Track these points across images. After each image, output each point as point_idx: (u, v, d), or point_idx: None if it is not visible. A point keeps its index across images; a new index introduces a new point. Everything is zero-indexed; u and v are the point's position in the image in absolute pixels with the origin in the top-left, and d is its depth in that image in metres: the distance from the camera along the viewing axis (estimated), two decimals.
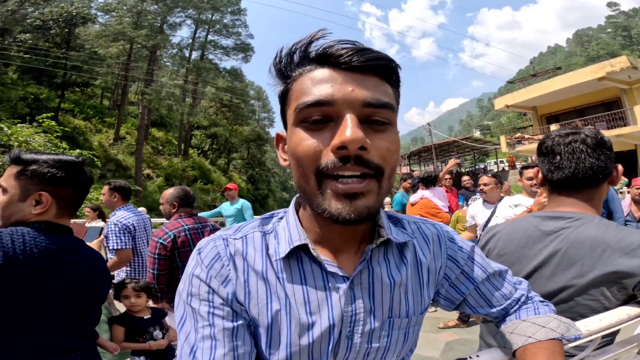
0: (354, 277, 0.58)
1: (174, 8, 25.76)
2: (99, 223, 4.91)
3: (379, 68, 0.52)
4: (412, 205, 4.01)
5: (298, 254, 0.59)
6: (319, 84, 0.51)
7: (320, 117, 0.51)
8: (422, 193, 3.99)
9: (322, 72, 0.52)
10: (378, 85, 0.52)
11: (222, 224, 5.29)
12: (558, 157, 1.03)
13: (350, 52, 0.50)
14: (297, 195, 0.65)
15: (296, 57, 0.55)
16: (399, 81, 0.56)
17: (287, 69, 0.56)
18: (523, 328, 0.66)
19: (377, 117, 0.52)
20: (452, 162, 5.28)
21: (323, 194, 0.51)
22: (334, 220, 0.50)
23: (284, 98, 0.57)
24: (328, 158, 0.49)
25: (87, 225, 2.42)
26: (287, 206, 0.66)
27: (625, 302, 0.90)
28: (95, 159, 10.26)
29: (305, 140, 0.51)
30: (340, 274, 0.58)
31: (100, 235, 2.33)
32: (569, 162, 1.01)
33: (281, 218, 0.65)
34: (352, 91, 0.50)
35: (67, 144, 9.52)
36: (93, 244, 2.22)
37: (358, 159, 0.49)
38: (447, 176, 5.76)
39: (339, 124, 0.49)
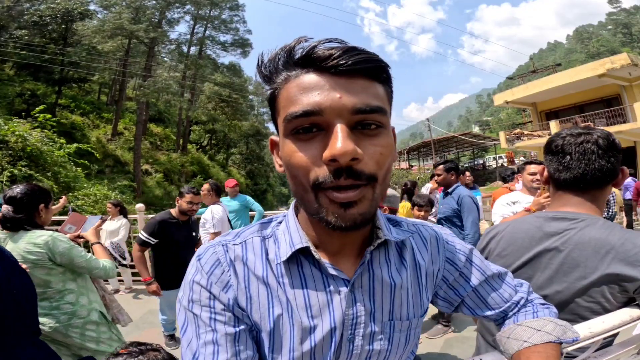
0: (354, 280, 0.58)
1: (172, 4, 25.57)
2: (121, 219, 4.89)
3: (367, 70, 0.50)
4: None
5: (298, 257, 0.59)
6: (305, 91, 0.49)
7: (310, 126, 0.49)
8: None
9: (308, 78, 0.49)
10: (367, 87, 0.49)
11: None
12: (568, 156, 1.01)
13: (336, 55, 0.48)
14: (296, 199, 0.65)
15: (281, 61, 0.53)
16: (389, 79, 0.54)
17: (272, 74, 0.54)
18: (519, 332, 0.66)
19: (369, 122, 0.49)
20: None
21: (320, 204, 0.50)
22: (332, 228, 0.50)
23: (272, 104, 0.56)
24: (322, 172, 0.48)
25: (99, 219, 2.39)
26: (286, 201, 0.66)
27: (625, 305, 0.90)
28: (95, 152, 10.27)
29: (296, 153, 0.50)
30: (341, 276, 0.58)
31: (97, 223, 2.30)
32: (579, 163, 0.99)
33: (280, 222, 0.65)
34: (340, 98, 0.47)
35: (64, 139, 9.46)
36: (89, 232, 2.19)
37: (349, 170, 0.47)
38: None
39: (330, 133, 0.48)
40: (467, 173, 6.18)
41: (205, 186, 4.14)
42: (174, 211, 3.09)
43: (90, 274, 1.93)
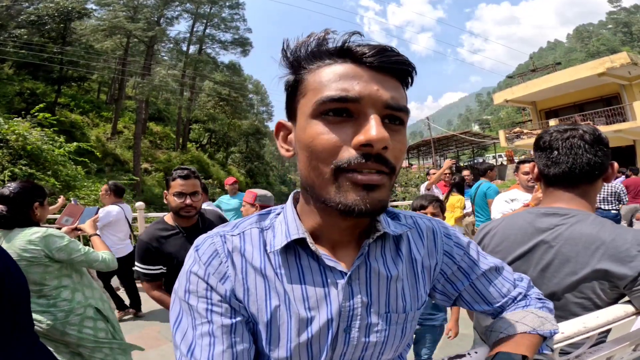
0: (352, 272, 0.59)
1: (170, 2, 25.48)
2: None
3: (399, 72, 0.53)
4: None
5: (296, 249, 0.59)
6: (344, 79, 0.51)
7: (339, 111, 0.51)
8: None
9: (346, 67, 0.52)
10: (397, 87, 0.53)
11: None
12: (555, 152, 1.03)
13: (375, 52, 0.51)
14: (295, 190, 0.66)
15: (313, 49, 0.55)
16: (411, 84, 0.57)
17: (302, 59, 0.55)
18: (499, 324, 0.67)
19: (395, 117, 0.53)
20: (447, 162, 5.28)
21: (340, 186, 0.51)
22: (349, 211, 0.50)
23: (295, 88, 0.56)
24: (349, 154, 0.50)
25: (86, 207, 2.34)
26: (286, 199, 0.67)
27: (616, 301, 0.91)
28: (95, 151, 10.27)
29: (324, 134, 0.51)
30: (339, 268, 0.58)
31: (95, 214, 2.28)
32: (567, 157, 1.01)
33: (278, 214, 0.65)
34: (377, 91, 0.50)
35: (64, 138, 9.45)
36: (87, 224, 2.16)
37: (379, 157, 0.50)
38: (447, 171, 5.77)
39: (361, 121, 0.50)
40: (467, 172, 6.21)
41: (104, 187, 4.13)
42: (168, 217, 2.01)
43: (91, 267, 1.92)
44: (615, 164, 1.04)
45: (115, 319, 2.08)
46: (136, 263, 1.95)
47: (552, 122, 15.06)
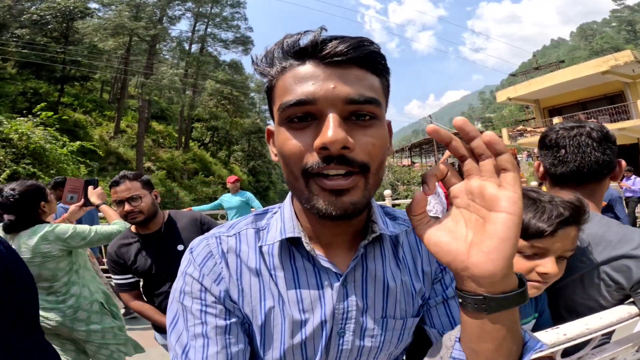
0: (347, 274, 0.58)
1: (173, 0, 25.50)
2: None
3: (362, 60, 0.49)
4: None
5: (290, 249, 0.58)
6: (300, 81, 0.49)
7: (304, 115, 0.49)
8: None
9: (303, 69, 0.50)
10: (362, 78, 0.49)
11: (223, 217, 5.29)
12: (563, 150, 1.00)
13: (329, 45, 0.48)
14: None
15: (276, 55, 0.53)
16: (385, 70, 0.54)
17: (268, 66, 0.54)
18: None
19: (362, 113, 0.49)
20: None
21: (310, 191, 0.50)
22: (322, 216, 0.49)
23: (269, 95, 0.56)
24: (312, 159, 0.48)
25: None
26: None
27: (621, 302, 0.90)
28: (98, 150, 10.29)
29: (289, 140, 0.50)
30: (334, 270, 0.57)
31: (97, 186, 2.17)
32: (574, 156, 0.98)
33: (275, 213, 0.64)
34: (334, 88, 0.48)
35: (67, 137, 9.46)
36: (94, 196, 2.13)
37: (341, 158, 0.47)
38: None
39: (322, 122, 0.48)
40: None
41: None
42: (133, 226, 1.92)
43: (109, 240, 1.94)
44: (623, 162, 1.02)
45: (119, 312, 2.09)
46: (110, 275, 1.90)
47: (556, 120, 14.95)
